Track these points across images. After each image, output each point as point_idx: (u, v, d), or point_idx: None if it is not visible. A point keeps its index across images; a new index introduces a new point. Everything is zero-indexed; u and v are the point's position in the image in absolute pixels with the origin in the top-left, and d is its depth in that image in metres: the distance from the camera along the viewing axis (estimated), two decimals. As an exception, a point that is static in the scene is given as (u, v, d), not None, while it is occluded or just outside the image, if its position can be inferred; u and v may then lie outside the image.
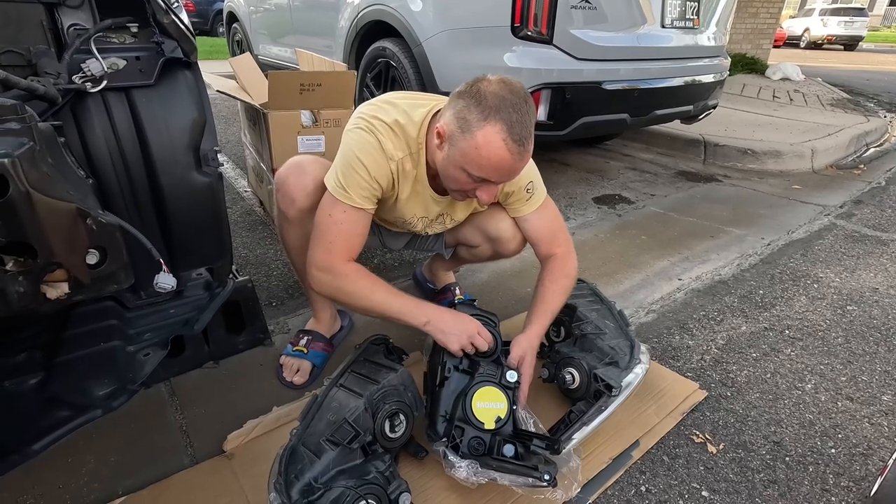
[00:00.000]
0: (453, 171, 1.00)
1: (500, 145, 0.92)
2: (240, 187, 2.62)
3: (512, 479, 0.92)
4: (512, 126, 0.91)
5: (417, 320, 1.06)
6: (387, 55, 2.62)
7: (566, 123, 2.28)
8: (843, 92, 6.07)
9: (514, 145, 0.92)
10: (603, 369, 1.15)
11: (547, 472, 0.88)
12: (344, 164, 1.04)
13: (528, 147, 0.96)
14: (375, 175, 1.04)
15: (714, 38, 2.80)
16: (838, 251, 2.16)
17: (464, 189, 1.04)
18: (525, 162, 0.98)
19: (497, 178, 0.99)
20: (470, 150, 0.94)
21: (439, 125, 1.00)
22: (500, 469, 0.92)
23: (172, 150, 0.97)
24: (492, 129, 0.92)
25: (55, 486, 1.00)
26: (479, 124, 0.93)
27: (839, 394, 1.33)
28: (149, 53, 0.93)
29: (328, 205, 1.06)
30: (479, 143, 0.93)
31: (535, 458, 0.95)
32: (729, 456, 1.12)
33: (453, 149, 0.97)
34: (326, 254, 1.05)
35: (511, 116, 0.91)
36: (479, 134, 0.93)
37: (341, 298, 1.08)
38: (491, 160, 0.94)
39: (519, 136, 0.92)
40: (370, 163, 1.03)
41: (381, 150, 1.04)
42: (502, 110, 0.91)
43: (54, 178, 0.57)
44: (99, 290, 0.65)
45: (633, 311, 1.66)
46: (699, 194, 2.86)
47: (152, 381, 1.23)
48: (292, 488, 0.84)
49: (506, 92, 0.93)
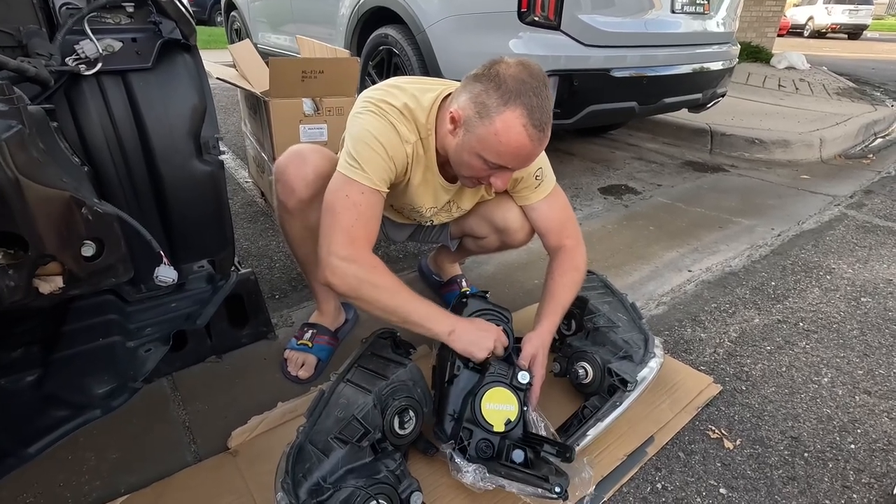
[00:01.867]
0: (468, 157, 0.96)
1: (521, 131, 0.88)
2: (241, 178, 2.58)
3: (520, 488, 0.88)
4: (532, 111, 0.88)
5: (442, 329, 0.99)
6: (389, 42, 2.56)
7: (573, 112, 2.23)
8: (849, 81, 5.99)
9: (535, 131, 0.89)
10: (617, 363, 1.12)
11: (558, 483, 0.84)
12: (358, 143, 0.97)
13: (548, 132, 0.92)
14: (393, 155, 0.99)
15: (724, 24, 2.74)
16: (850, 242, 2.12)
17: (477, 175, 1.00)
18: (543, 147, 0.95)
19: (514, 165, 0.96)
20: (489, 136, 0.90)
21: (453, 110, 0.95)
22: (509, 476, 0.88)
23: (172, 137, 0.93)
24: (512, 115, 0.88)
25: (56, 483, 0.97)
26: (498, 109, 0.89)
27: (856, 388, 1.30)
28: (146, 35, 0.88)
29: (343, 185, 0.96)
30: (499, 129, 0.89)
31: (545, 467, 0.91)
32: (746, 452, 1.09)
33: (469, 135, 0.93)
34: (349, 241, 0.93)
35: (531, 101, 0.88)
36: (498, 119, 0.89)
37: (364, 293, 0.95)
38: (510, 146, 0.90)
39: (539, 122, 0.89)
40: (387, 142, 0.98)
41: (395, 133, 0.99)
42: (523, 94, 0.88)
43: (46, 164, 0.53)
44: (96, 284, 0.61)
45: (643, 304, 1.62)
46: (707, 184, 2.81)
47: (154, 376, 1.20)
48: (300, 488, 0.81)
49: (525, 75, 0.89)
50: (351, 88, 1.84)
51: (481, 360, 1.00)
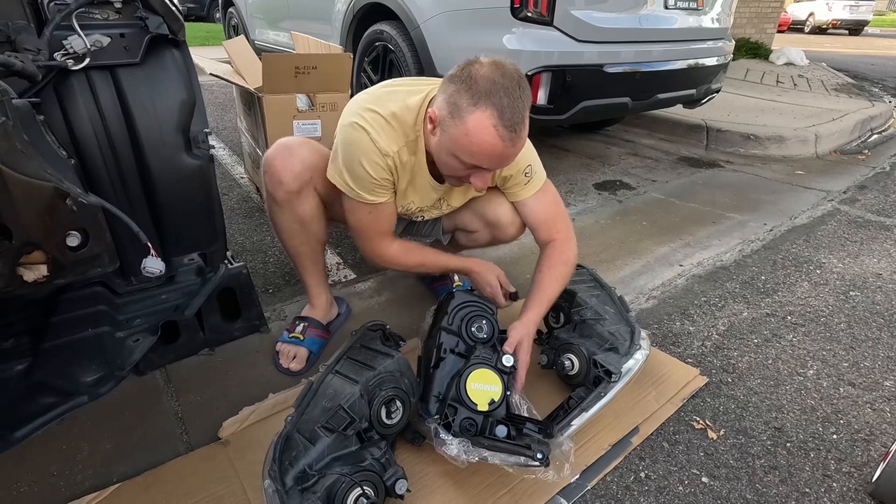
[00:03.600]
0: (445, 157, 0.98)
1: (491, 132, 0.89)
2: (236, 174, 2.59)
3: (503, 459, 0.91)
4: (503, 111, 0.88)
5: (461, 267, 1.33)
6: (384, 38, 2.57)
7: (566, 108, 2.24)
8: (848, 77, 5.99)
9: (506, 131, 0.89)
10: (602, 355, 1.14)
11: (539, 450, 0.87)
12: (349, 170, 1.06)
13: (521, 133, 0.93)
14: (377, 176, 1.05)
15: (718, 19, 2.74)
16: (841, 237, 2.13)
17: (457, 175, 1.02)
18: (518, 148, 0.95)
19: (489, 165, 0.97)
20: (460, 137, 0.92)
21: (431, 110, 0.97)
22: (492, 448, 0.90)
23: (160, 131, 0.94)
24: (482, 115, 0.88)
25: (49, 473, 0.99)
26: (469, 109, 0.90)
27: (841, 379, 1.31)
28: (133, 30, 0.89)
29: (353, 209, 1.12)
30: (469, 130, 0.90)
31: (527, 440, 0.93)
32: (729, 442, 1.11)
33: (445, 135, 0.95)
34: (371, 244, 1.18)
35: (502, 101, 0.88)
36: (469, 119, 0.90)
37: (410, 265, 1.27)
38: (482, 147, 0.91)
39: (510, 122, 0.89)
40: (369, 166, 1.03)
41: (374, 149, 1.02)
42: (493, 95, 0.88)
43: (30, 156, 0.54)
44: (82, 273, 0.62)
45: (633, 298, 1.64)
46: (701, 180, 2.82)
47: (148, 368, 1.22)
48: (286, 475, 0.83)
49: (497, 75, 0.89)
50: (344, 84, 1.85)
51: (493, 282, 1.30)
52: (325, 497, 0.80)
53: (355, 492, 0.81)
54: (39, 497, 0.94)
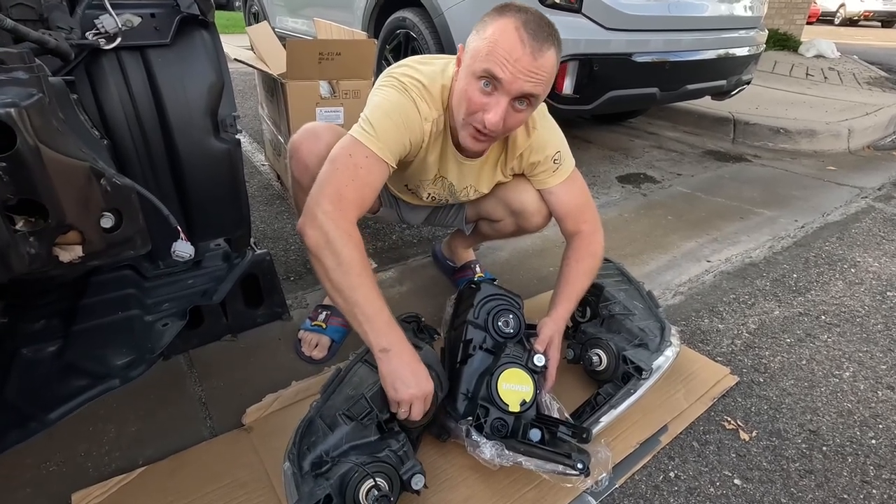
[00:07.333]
0: (465, 84, 0.94)
1: (513, 33, 0.88)
2: (257, 161, 2.59)
3: (538, 465, 0.88)
4: (527, 22, 0.89)
5: (377, 340, 0.86)
6: (406, 26, 2.53)
7: (593, 97, 2.18)
8: (882, 70, 5.77)
9: (527, 36, 0.88)
10: (632, 351, 1.11)
11: (580, 460, 0.84)
12: (376, 111, 0.96)
13: (543, 48, 0.89)
14: (408, 130, 0.98)
15: (751, 7, 2.65)
16: (877, 235, 2.06)
17: (473, 110, 0.94)
18: (537, 64, 0.89)
19: (504, 73, 0.88)
20: (482, 45, 0.91)
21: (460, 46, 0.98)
22: (528, 453, 0.88)
23: (189, 113, 0.93)
24: (505, 21, 0.89)
25: (77, 453, 1.00)
26: (493, 19, 0.91)
27: (879, 382, 1.26)
28: (164, 10, 0.88)
29: (350, 145, 0.93)
30: (492, 33, 0.90)
31: (565, 446, 0.91)
32: (762, 444, 1.08)
33: (467, 59, 0.94)
34: (336, 198, 0.88)
35: (528, 16, 0.89)
36: (491, 26, 0.90)
37: (324, 257, 0.86)
38: (501, 44, 0.88)
39: (534, 32, 0.88)
40: (406, 116, 0.98)
41: (415, 110, 0.99)
42: (521, 11, 0.90)
43: (65, 134, 0.53)
44: (115, 255, 0.62)
45: (660, 293, 1.60)
46: (728, 174, 2.75)
47: (171, 353, 1.22)
48: (304, 459, 0.82)
49: (525, 7, 0.91)
50: (368, 71, 1.82)
51: (393, 402, 0.87)
52: (337, 484, 0.79)
53: (367, 483, 0.79)
54: (68, 476, 0.95)
